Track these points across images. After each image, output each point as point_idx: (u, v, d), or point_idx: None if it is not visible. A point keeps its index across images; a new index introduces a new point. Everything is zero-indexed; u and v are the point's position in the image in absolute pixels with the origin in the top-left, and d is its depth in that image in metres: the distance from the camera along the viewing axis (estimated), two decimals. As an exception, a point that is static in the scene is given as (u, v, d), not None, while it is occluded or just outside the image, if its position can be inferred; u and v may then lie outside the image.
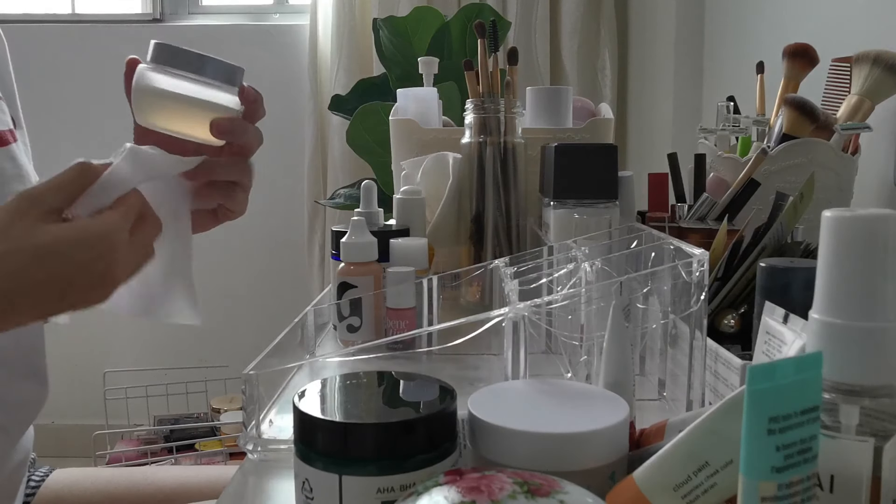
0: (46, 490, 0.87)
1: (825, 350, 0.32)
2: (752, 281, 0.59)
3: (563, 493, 0.33)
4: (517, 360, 0.52)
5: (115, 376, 2.15)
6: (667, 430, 0.42)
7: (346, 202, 1.86)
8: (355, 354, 0.62)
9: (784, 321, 0.46)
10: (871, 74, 0.85)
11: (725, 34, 1.61)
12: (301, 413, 0.40)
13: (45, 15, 2.45)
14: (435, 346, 0.74)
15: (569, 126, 1.06)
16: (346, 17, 2.23)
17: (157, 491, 0.89)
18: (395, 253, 0.81)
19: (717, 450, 0.33)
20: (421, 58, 1.18)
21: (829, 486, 0.32)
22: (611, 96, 2.20)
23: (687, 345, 0.56)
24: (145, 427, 2.03)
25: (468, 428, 0.42)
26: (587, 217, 0.80)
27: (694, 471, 0.33)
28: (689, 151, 0.94)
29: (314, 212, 2.32)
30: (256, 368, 0.56)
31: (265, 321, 1.71)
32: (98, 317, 2.35)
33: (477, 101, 0.94)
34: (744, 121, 0.94)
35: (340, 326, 0.78)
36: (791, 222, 0.64)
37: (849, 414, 0.31)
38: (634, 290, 0.58)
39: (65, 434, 2.30)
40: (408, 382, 0.46)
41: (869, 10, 1.03)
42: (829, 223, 0.32)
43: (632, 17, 2.25)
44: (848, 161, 0.86)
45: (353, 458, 0.39)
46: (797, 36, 0.95)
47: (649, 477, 0.35)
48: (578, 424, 0.39)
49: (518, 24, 2.19)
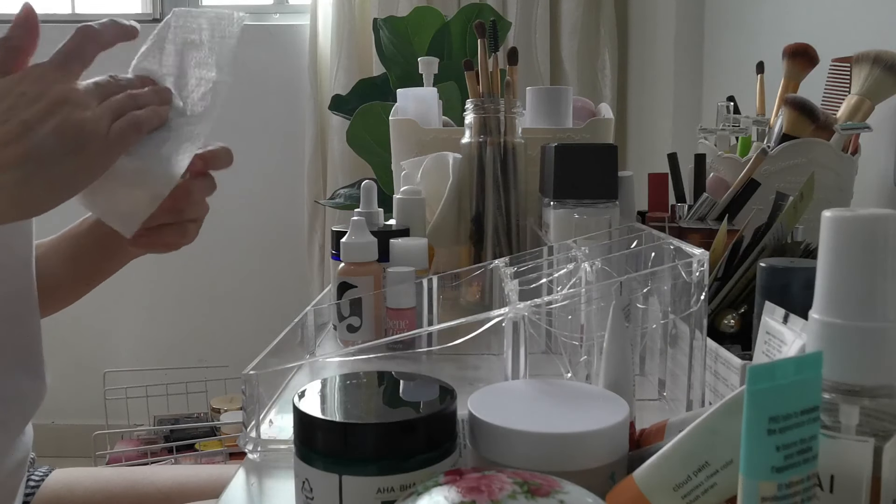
0: (46, 490, 0.87)
1: (825, 350, 0.32)
2: (752, 281, 0.59)
3: (563, 493, 0.33)
4: (517, 360, 0.52)
5: (115, 376, 2.15)
6: (667, 430, 0.42)
7: (346, 202, 1.86)
8: (355, 354, 0.62)
9: (784, 321, 0.46)
10: (871, 74, 0.85)
11: (725, 34, 1.61)
12: (301, 413, 0.40)
13: (45, 15, 2.45)
14: (435, 346, 0.74)
15: (569, 126, 1.06)
16: (346, 17, 2.23)
17: (157, 491, 0.89)
18: (395, 253, 0.81)
19: (717, 450, 0.33)
20: (421, 58, 1.18)
21: (829, 486, 0.32)
22: (611, 96, 2.20)
23: (687, 345, 0.56)
24: (145, 427, 2.03)
25: (468, 428, 0.42)
26: (587, 217, 0.80)
27: (694, 471, 0.33)
28: (689, 151, 0.94)
29: (314, 212, 2.32)
30: (256, 368, 0.56)
31: (265, 321, 1.71)
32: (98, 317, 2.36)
33: (477, 101, 0.94)
34: (744, 121, 0.94)
35: (340, 326, 0.78)
36: (791, 222, 0.64)
37: (849, 414, 0.31)
38: (634, 290, 0.58)
39: (65, 434, 2.30)
40: (408, 382, 0.46)
41: (869, 10, 1.03)
42: (829, 223, 0.32)
43: (632, 17, 2.25)
44: (848, 161, 0.86)
45: (353, 458, 0.39)
46: (797, 36, 0.95)
47: (649, 477, 0.35)
48: (578, 424, 0.39)
49: (518, 24, 2.19)
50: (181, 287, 2.46)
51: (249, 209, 2.33)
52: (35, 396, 0.80)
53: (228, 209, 2.11)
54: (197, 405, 2.11)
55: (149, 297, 2.47)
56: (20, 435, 0.79)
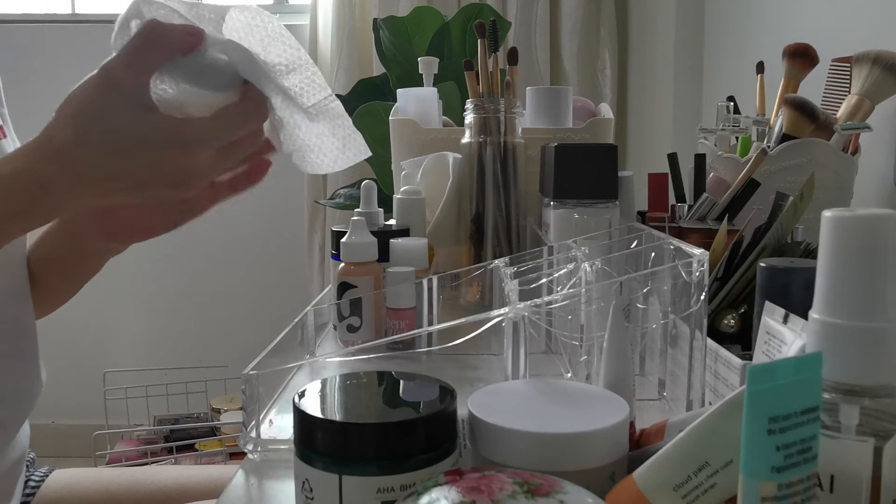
0: (46, 490, 0.87)
1: (825, 350, 0.32)
2: (752, 281, 0.59)
3: (563, 493, 0.33)
4: (517, 360, 0.52)
5: (115, 376, 2.15)
6: (667, 430, 0.42)
7: (346, 202, 1.86)
8: (355, 354, 0.62)
9: (784, 321, 0.46)
10: (871, 74, 0.85)
11: (725, 34, 1.61)
12: (301, 413, 0.40)
13: (45, 15, 2.45)
14: (435, 346, 0.74)
15: (569, 126, 1.06)
16: (346, 17, 2.23)
17: (157, 491, 0.89)
18: (395, 253, 0.81)
19: (717, 450, 0.33)
20: (421, 58, 1.18)
21: (829, 486, 0.32)
22: (611, 96, 2.20)
23: (687, 345, 0.56)
24: (145, 427, 2.03)
25: (468, 428, 0.42)
26: (587, 217, 0.80)
27: (694, 471, 0.33)
28: (689, 151, 0.94)
29: (314, 212, 2.32)
30: (256, 368, 0.56)
31: (265, 321, 1.71)
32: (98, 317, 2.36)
33: (477, 101, 0.94)
34: (744, 121, 0.94)
35: (340, 326, 0.78)
36: (791, 222, 0.64)
37: (849, 414, 0.31)
38: (634, 290, 0.58)
39: (65, 434, 2.30)
40: (408, 382, 0.46)
41: (869, 10, 1.03)
42: (829, 223, 0.32)
43: (632, 17, 2.25)
44: (848, 161, 0.86)
45: (353, 458, 0.39)
46: (797, 36, 0.95)
47: (649, 477, 0.35)
48: (578, 424, 0.39)
49: (518, 24, 2.19)
50: (181, 287, 2.46)
51: (249, 209, 2.33)
52: (32, 393, 0.80)
53: (228, 209, 2.11)
54: (197, 405, 2.11)
55: (149, 297, 2.47)
56: (17, 433, 0.79)
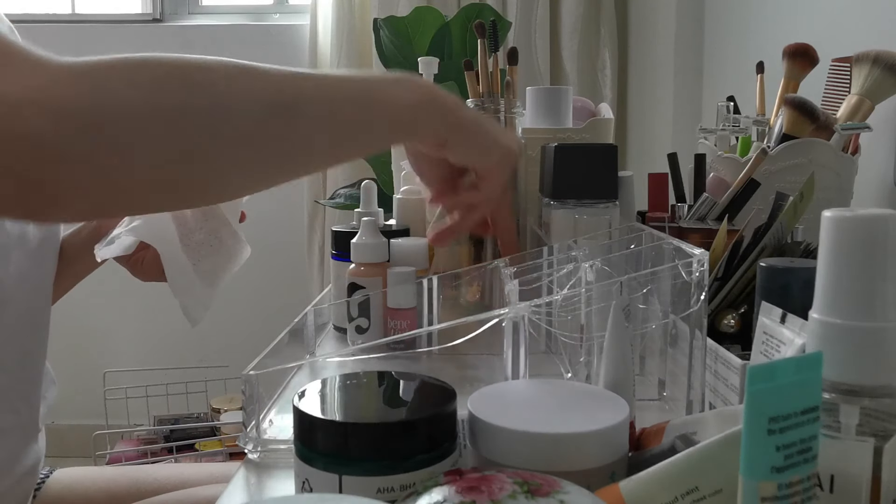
0: (48, 490, 0.87)
1: (825, 350, 0.32)
2: (752, 281, 0.59)
3: (563, 493, 0.33)
4: (517, 360, 0.52)
5: (115, 376, 2.15)
6: (667, 431, 0.42)
7: (346, 202, 1.86)
8: (355, 354, 0.62)
9: (781, 321, 0.46)
10: (871, 74, 0.85)
11: (725, 34, 1.61)
12: (301, 413, 0.40)
13: (45, 15, 2.45)
14: (435, 346, 0.74)
15: (569, 126, 1.06)
16: (346, 17, 2.23)
17: (158, 491, 0.89)
18: (395, 253, 0.81)
19: (709, 476, 0.33)
20: (421, 58, 1.18)
21: (829, 486, 0.32)
22: (611, 96, 2.20)
23: (687, 345, 0.56)
24: (145, 427, 2.03)
25: (468, 428, 0.42)
26: (587, 217, 0.80)
27: (682, 493, 0.33)
28: (689, 151, 0.94)
29: (314, 212, 2.32)
30: (256, 368, 0.56)
31: (265, 321, 1.71)
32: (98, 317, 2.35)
33: (477, 101, 0.94)
34: (744, 121, 0.94)
35: (350, 328, 0.78)
36: (791, 222, 0.64)
37: (849, 414, 0.31)
38: (634, 290, 0.58)
39: (65, 434, 2.30)
40: (408, 382, 0.46)
41: (869, 10, 1.03)
42: (829, 223, 0.32)
43: (632, 17, 2.25)
44: (848, 161, 0.86)
45: (353, 458, 0.39)
46: (797, 36, 0.95)
47: (635, 490, 0.35)
48: (578, 424, 0.39)
49: (518, 24, 2.19)
50: (181, 287, 2.45)
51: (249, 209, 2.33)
52: (51, 400, 0.81)
53: (228, 209, 2.11)
54: (197, 405, 2.11)
55: (149, 297, 2.46)
56: (34, 442, 0.80)
